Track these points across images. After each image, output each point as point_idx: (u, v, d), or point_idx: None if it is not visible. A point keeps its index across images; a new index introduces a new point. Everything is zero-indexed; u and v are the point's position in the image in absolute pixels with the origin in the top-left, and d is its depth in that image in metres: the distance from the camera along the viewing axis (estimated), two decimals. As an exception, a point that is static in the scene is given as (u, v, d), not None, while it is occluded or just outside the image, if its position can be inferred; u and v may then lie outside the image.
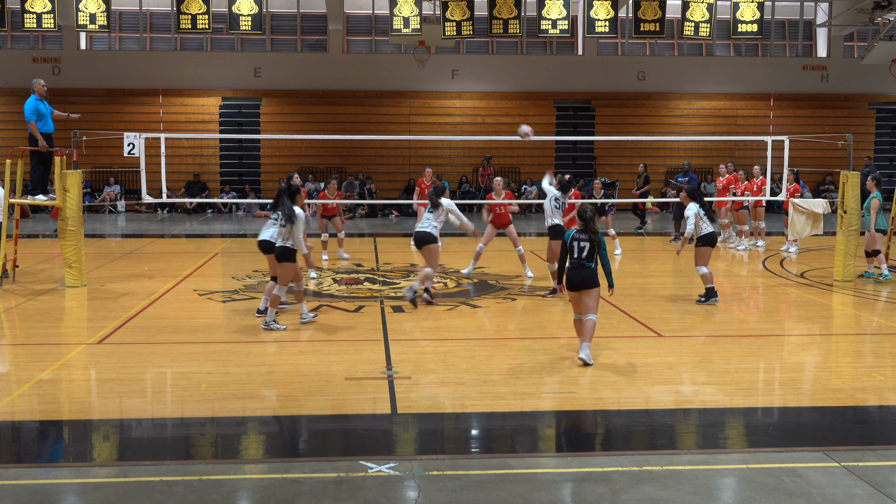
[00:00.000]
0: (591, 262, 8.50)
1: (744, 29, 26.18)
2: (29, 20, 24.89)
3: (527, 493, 5.41)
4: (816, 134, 25.85)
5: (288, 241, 10.07)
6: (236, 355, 8.87)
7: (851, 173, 13.45)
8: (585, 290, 8.52)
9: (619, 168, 29.85)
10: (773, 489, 5.47)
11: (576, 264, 8.52)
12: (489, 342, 9.74)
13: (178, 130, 27.62)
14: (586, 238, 8.51)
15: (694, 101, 30.25)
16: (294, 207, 10.07)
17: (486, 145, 27.81)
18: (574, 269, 8.54)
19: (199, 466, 5.89)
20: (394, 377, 8.00)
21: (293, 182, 13.97)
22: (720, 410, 7.30)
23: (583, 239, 8.52)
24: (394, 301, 11.95)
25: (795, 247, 17.28)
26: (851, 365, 8.80)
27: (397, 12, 25.20)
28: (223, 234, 22.25)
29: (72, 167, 13.02)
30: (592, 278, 8.50)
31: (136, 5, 29.12)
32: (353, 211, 26.76)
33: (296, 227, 9.99)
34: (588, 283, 8.49)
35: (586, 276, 8.50)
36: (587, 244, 8.50)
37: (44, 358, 8.81)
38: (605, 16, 25.89)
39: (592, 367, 8.43)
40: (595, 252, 8.51)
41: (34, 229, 22.12)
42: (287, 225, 10.00)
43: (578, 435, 6.93)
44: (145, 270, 14.90)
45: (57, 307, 11.62)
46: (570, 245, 8.59)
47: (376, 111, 29.21)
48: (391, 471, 5.73)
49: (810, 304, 12.06)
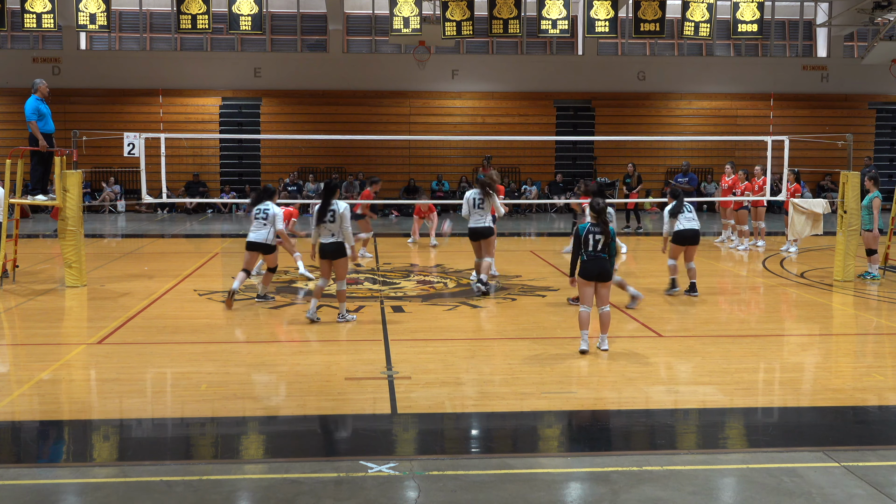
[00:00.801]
0: (605, 254, 8.77)
1: (744, 29, 26.17)
2: (29, 20, 24.88)
3: (527, 493, 5.41)
4: (816, 134, 25.85)
5: (339, 237, 10.27)
6: (236, 355, 8.87)
7: (851, 173, 13.45)
8: (602, 281, 8.82)
9: (620, 168, 29.80)
10: (773, 489, 5.47)
11: (592, 256, 8.76)
12: (489, 342, 9.74)
13: (178, 130, 27.62)
14: (600, 230, 8.74)
15: (694, 101, 30.25)
16: (338, 202, 10.26)
17: (486, 145, 27.81)
18: (591, 261, 8.77)
19: (199, 466, 5.89)
20: (394, 377, 8.00)
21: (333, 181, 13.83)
22: (720, 410, 7.31)
23: (597, 232, 8.75)
24: (394, 301, 11.95)
25: (795, 247, 17.27)
26: (851, 365, 8.81)
27: (397, 12, 25.20)
28: (223, 234, 22.25)
29: (72, 167, 13.02)
30: (609, 270, 8.85)
31: (136, 5, 29.12)
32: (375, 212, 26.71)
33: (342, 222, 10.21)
34: (605, 274, 8.83)
35: (604, 268, 8.77)
36: (601, 236, 8.74)
37: (44, 358, 8.81)
38: (605, 16, 25.89)
39: (592, 367, 8.44)
40: (608, 244, 8.77)
41: (34, 229, 22.13)
42: (334, 221, 10.23)
43: (578, 435, 6.93)
44: (145, 270, 14.90)
45: (57, 307, 11.63)
46: (584, 238, 8.80)
47: (376, 111, 29.21)
48: (391, 471, 5.73)
49: (810, 304, 12.06)
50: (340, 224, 10.23)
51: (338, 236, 10.28)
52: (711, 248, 18.32)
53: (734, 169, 18.73)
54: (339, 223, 10.23)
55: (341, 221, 10.23)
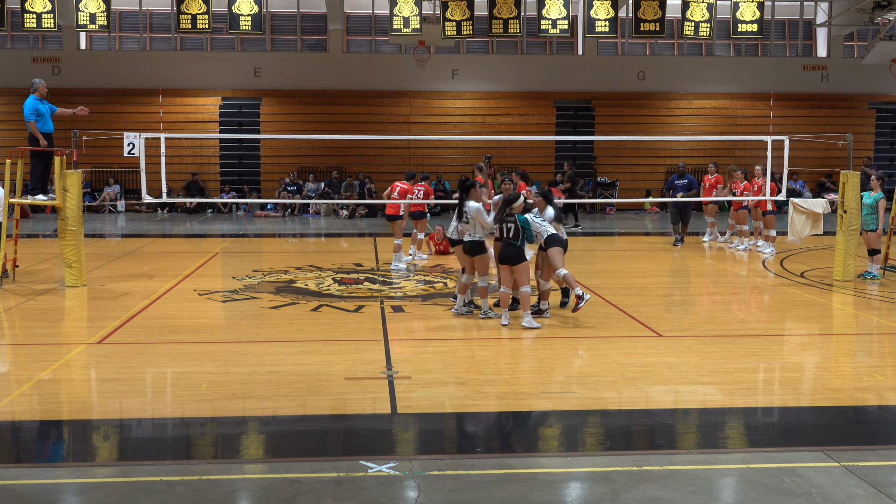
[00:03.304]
0: (517, 241, 10.06)
1: (744, 29, 26.18)
2: (29, 20, 24.88)
3: (527, 493, 5.41)
4: (816, 134, 25.85)
5: (476, 235, 10.51)
6: (236, 355, 8.87)
7: (851, 173, 13.45)
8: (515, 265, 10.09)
9: (620, 168, 29.86)
10: (773, 489, 5.47)
11: (505, 242, 10.12)
12: (489, 342, 9.74)
13: (178, 130, 27.62)
14: (512, 220, 10.11)
15: (694, 101, 30.25)
16: (469, 203, 10.48)
17: (486, 145, 27.82)
18: (505, 246, 10.14)
19: (199, 466, 5.89)
20: (394, 377, 7.99)
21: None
22: (720, 410, 7.31)
23: (509, 221, 10.12)
24: (394, 301, 11.95)
25: (772, 247, 17.17)
26: (851, 365, 8.80)
27: (397, 12, 25.20)
28: (223, 234, 22.25)
29: (72, 167, 13.02)
30: (519, 255, 10.08)
31: (136, 5, 29.12)
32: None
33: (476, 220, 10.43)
34: (517, 259, 10.08)
35: (515, 253, 10.09)
36: (512, 225, 10.10)
37: (44, 358, 8.81)
38: (605, 16, 25.89)
39: (592, 367, 8.44)
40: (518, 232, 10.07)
41: (34, 229, 22.13)
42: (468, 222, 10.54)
43: (578, 435, 6.93)
44: (145, 270, 14.90)
45: (57, 307, 11.62)
46: (499, 226, 10.18)
47: (376, 111, 29.21)
48: (391, 471, 5.73)
49: (810, 304, 12.06)
50: (474, 223, 10.49)
51: (475, 234, 10.51)
52: (709, 249, 18.31)
53: (717, 168, 18.81)
54: (473, 222, 10.50)
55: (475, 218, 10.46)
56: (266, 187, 29.06)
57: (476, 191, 10.64)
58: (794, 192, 26.09)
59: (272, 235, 22.18)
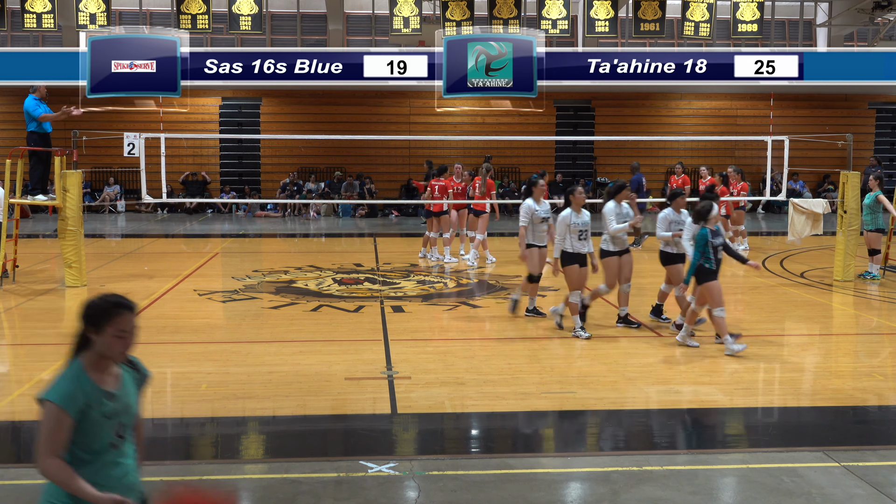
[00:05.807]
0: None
1: (744, 29, 26.17)
2: (29, 20, 24.88)
3: (527, 493, 5.40)
4: (816, 134, 25.85)
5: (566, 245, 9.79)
6: (236, 355, 8.86)
7: (851, 173, 13.44)
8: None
9: (619, 168, 29.80)
10: (773, 489, 5.47)
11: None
12: (489, 342, 9.74)
13: (178, 130, 27.59)
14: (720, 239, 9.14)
15: (694, 101, 30.24)
16: (607, 204, 10.15)
17: (486, 145, 27.80)
18: None
19: (199, 466, 5.90)
20: (394, 377, 7.99)
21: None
22: (720, 410, 7.31)
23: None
24: (394, 301, 11.95)
25: (745, 244, 17.34)
26: (851, 365, 8.80)
27: (397, 12, 25.20)
28: (223, 234, 22.25)
29: (72, 167, 13.01)
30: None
31: (136, 5, 29.09)
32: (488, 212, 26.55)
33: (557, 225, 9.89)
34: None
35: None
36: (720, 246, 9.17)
37: (44, 358, 8.80)
38: (605, 16, 25.89)
39: (592, 367, 8.44)
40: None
41: (34, 229, 22.12)
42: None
43: (578, 435, 6.93)
44: (145, 270, 14.90)
45: (57, 307, 11.62)
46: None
47: (376, 111, 29.20)
48: (391, 471, 5.72)
49: (810, 304, 12.06)
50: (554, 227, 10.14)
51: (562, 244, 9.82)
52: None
53: (683, 168, 19.11)
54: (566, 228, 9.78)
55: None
56: (266, 187, 29.04)
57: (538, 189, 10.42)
58: (795, 193, 26.09)
59: (272, 235, 22.18)
